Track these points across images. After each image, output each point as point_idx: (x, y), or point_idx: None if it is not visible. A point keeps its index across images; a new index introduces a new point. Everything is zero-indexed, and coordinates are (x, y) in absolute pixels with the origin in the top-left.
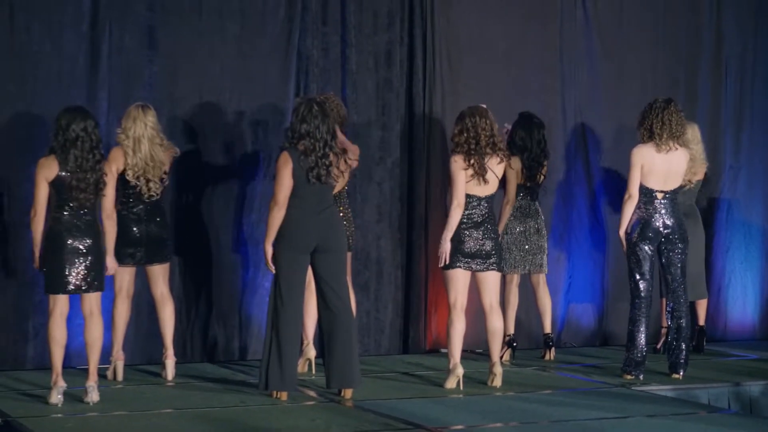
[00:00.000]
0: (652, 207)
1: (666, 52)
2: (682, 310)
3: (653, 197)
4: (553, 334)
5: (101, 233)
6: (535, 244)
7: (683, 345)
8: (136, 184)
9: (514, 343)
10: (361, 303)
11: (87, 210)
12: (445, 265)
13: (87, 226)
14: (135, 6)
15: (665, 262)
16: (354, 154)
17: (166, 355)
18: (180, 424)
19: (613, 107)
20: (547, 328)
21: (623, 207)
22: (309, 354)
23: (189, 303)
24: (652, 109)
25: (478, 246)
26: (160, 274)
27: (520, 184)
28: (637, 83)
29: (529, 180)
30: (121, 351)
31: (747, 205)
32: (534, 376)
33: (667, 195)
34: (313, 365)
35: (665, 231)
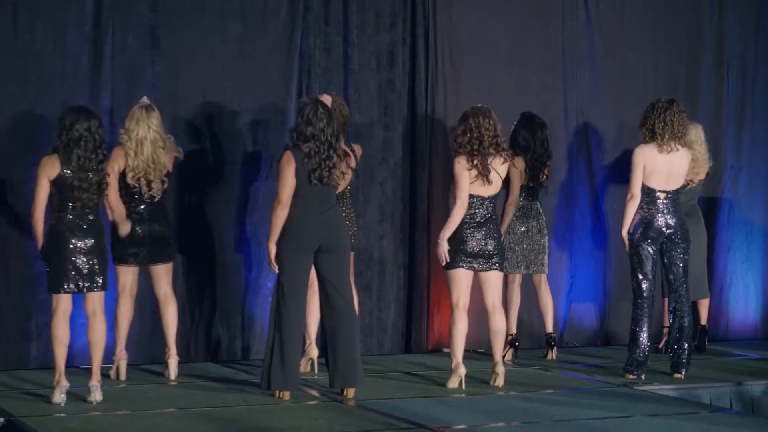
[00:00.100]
0: (654, 207)
1: (667, 52)
2: (684, 309)
3: (655, 197)
4: (555, 333)
5: (104, 233)
6: (536, 244)
7: (685, 345)
8: (136, 185)
9: (516, 343)
10: (363, 303)
11: (90, 210)
12: (448, 265)
13: (90, 225)
14: (138, 6)
15: (667, 261)
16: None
17: (168, 355)
18: (183, 423)
19: (614, 107)
20: (549, 328)
21: (625, 207)
22: (311, 353)
23: (192, 303)
24: (655, 109)
25: (481, 246)
26: (163, 274)
27: (522, 184)
28: (638, 83)
29: (532, 180)
30: (124, 350)
31: (748, 204)
32: (536, 375)
33: (669, 195)
34: (315, 365)
35: (667, 231)
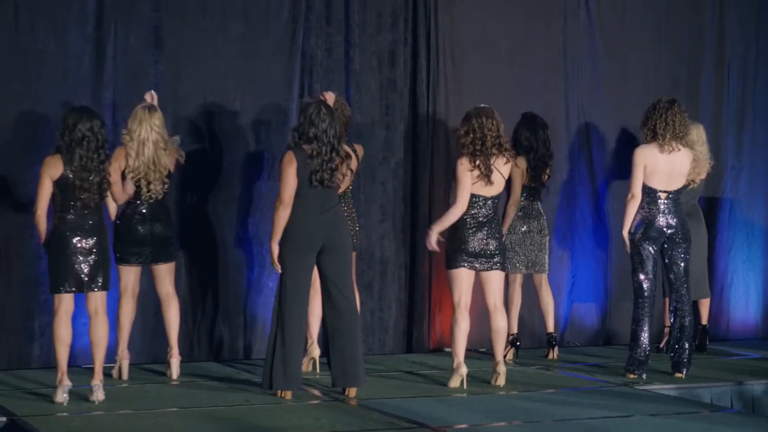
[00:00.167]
0: (655, 207)
1: (668, 52)
2: (685, 309)
3: (656, 197)
4: (556, 333)
5: (106, 233)
6: (537, 243)
7: (686, 344)
8: (136, 186)
9: (518, 343)
10: (365, 302)
11: (91, 210)
12: (449, 265)
13: (92, 225)
14: (140, 6)
15: (668, 261)
16: (358, 155)
17: (171, 354)
18: (185, 422)
19: (615, 107)
20: (550, 328)
21: (626, 207)
22: (313, 353)
23: (194, 302)
24: (656, 109)
25: (483, 246)
26: (165, 274)
27: (523, 184)
28: (639, 83)
29: (533, 180)
30: (126, 350)
31: (749, 204)
32: (537, 375)
33: (671, 195)
34: (317, 364)
35: (668, 231)
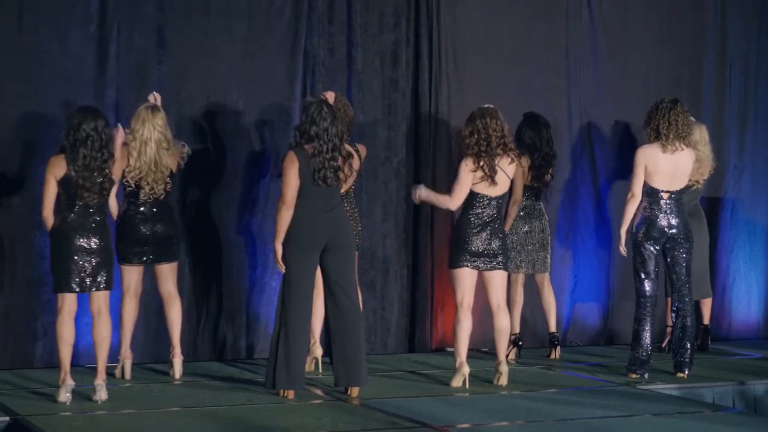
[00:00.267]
0: (657, 207)
1: (670, 52)
2: (686, 309)
3: (659, 197)
4: (558, 333)
5: (109, 233)
6: (539, 243)
7: (688, 344)
8: (137, 186)
9: (520, 342)
10: (367, 302)
11: (94, 209)
12: (452, 264)
13: (95, 225)
14: (143, 6)
15: (670, 261)
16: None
17: (173, 354)
18: (187, 422)
19: (617, 106)
20: (552, 327)
21: (625, 206)
22: (316, 353)
23: (197, 302)
24: (659, 109)
25: (486, 245)
26: (167, 274)
27: (526, 184)
28: (641, 82)
29: (536, 180)
30: (129, 349)
31: (751, 204)
32: (539, 374)
33: (673, 195)
34: (319, 364)
35: (670, 231)
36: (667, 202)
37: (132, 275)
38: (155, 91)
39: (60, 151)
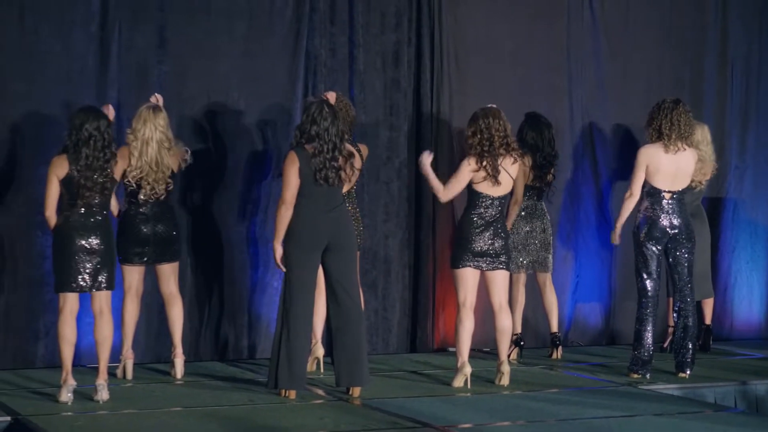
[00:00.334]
0: (659, 207)
1: (672, 52)
2: (688, 309)
3: (661, 197)
4: (560, 333)
5: (111, 232)
6: (541, 243)
7: (690, 344)
8: (137, 185)
9: (522, 342)
10: (368, 302)
11: (96, 209)
12: (455, 264)
13: (97, 225)
14: (144, 6)
15: (672, 261)
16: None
17: (175, 354)
18: (189, 422)
19: (619, 106)
20: (554, 327)
21: (623, 203)
22: (317, 353)
23: (198, 302)
24: (661, 109)
25: (488, 245)
26: (168, 274)
27: (527, 184)
28: (643, 83)
29: (537, 180)
30: (130, 349)
31: (753, 204)
32: (541, 374)
33: (675, 195)
34: (321, 364)
35: (672, 231)
36: (669, 202)
37: (133, 275)
38: (156, 91)
39: (62, 151)
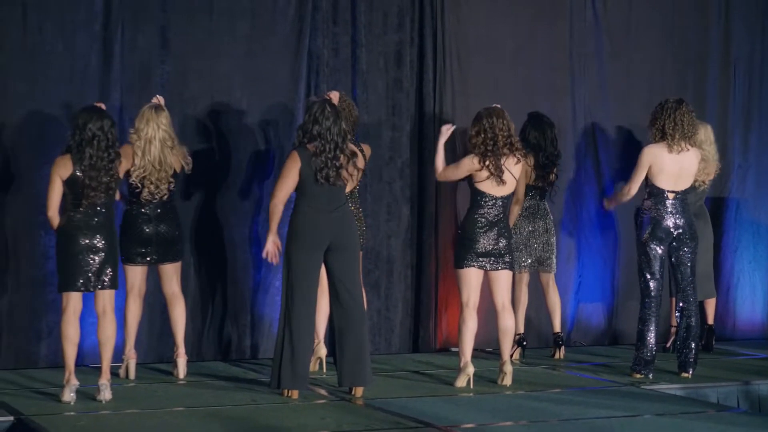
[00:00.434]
0: (663, 207)
1: (674, 52)
2: (691, 309)
3: (664, 197)
4: (563, 333)
5: (115, 232)
6: (544, 243)
7: (692, 344)
8: (140, 185)
9: (524, 342)
10: (371, 302)
11: (100, 208)
12: (459, 264)
13: (100, 224)
14: (147, 6)
15: (675, 261)
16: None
17: (177, 354)
18: (191, 422)
19: (621, 106)
20: (557, 327)
21: (619, 196)
22: (320, 353)
23: (201, 302)
24: (664, 109)
25: (492, 245)
26: (171, 274)
27: (529, 184)
28: (645, 83)
29: (540, 179)
30: (133, 349)
31: (755, 204)
32: (544, 374)
33: (678, 195)
34: (323, 364)
35: (675, 231)
36: (673, 202)
37: (136, 275)
38: (159, 91)
39: (66, 150)
